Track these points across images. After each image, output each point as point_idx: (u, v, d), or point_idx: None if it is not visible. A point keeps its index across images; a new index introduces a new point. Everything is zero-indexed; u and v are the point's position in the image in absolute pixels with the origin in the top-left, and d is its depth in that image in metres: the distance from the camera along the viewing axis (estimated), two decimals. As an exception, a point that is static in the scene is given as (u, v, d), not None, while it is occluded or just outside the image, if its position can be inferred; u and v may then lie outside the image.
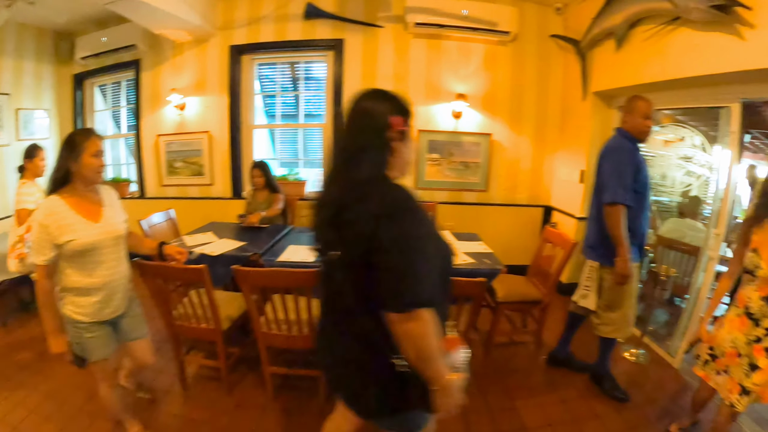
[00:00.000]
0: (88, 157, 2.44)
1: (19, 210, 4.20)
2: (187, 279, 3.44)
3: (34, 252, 2.37)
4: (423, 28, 5.43)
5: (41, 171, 4.39)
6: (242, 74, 6.27)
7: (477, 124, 5.75)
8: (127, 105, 7.41)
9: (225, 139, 6.48)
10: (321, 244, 1.77)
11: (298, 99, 6.73)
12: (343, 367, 1.83)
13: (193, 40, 6.31)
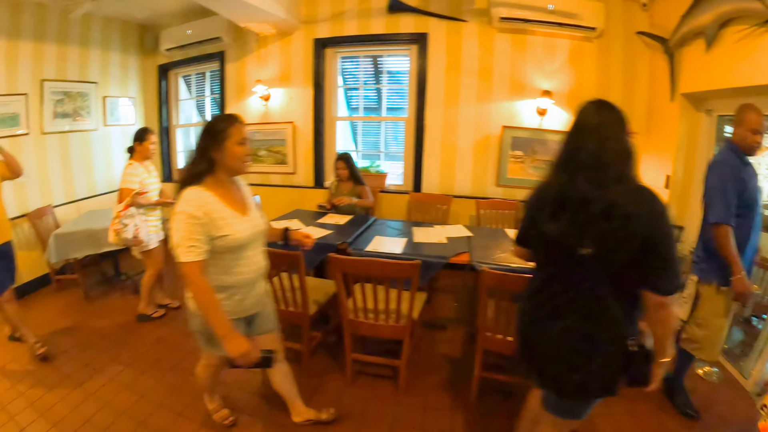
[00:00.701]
0: (233, 145, 2.33)
1: (122, 188, 4.50)
2: (283, 263, 3.44)
3: (185, 248, 2.20)
4: (508, 22, 5.37)
5: (150, 154, 4.69)
6: (326, 67, 6.45)
7: (561, 122, 5.59)
8: (211, 95, 7.78)
9: (309, 130, 6.70)
10: (571, 239, 1.84)
11: (380, 92, 6.80)
12: (567, 350, 1.94)
13: (277, 33, 6.54)
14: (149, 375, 4.07)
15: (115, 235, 4.57)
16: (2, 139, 5.43)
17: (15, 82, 6.05)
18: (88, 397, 3.70)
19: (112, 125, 7.61)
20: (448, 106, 5.87)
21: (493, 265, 3.35)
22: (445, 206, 5.61)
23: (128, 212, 4.50)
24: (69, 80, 6.84)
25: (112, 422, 3.40)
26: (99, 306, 5.55)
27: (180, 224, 2.20)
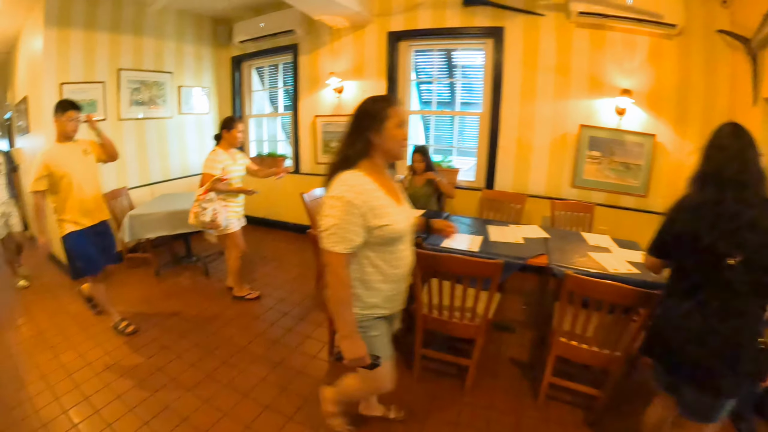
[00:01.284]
0: (392, 127, 2.19)
1: (203, 173, 4.80)
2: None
3: (337, 237, 2.10)
4: (586, 17, 5.22)
5: (237, 141, 4.98)
6: (399, 60, 6.53)
7: (641, 123, 5.37)
8: (283, 86, 8.10)
9: None
10: (722, 249, 2.03)
11: (454, 86, 6.77)
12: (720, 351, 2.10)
13: (350, 26, 6.69)
14: (215, 356, 4.33)
15: (195, 217, 4.82)
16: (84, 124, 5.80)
17: (93, 71, 6.54)
18: (169, 383, 3.92)
19: (187, 114, 8.09)
20: (524, 102, 5.76)
21: (574, 269, 3.34)
22: (519, 205, 5.51)
23: (208, 197, 4.74)
24: (145, 70, 7.27)
25: (195, 409, 3.59)
26: (169, 285, 5.99)
27: (334, 210, 2.09)
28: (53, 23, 5.97)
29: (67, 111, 4.23)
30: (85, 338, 4.76)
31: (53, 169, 4.14)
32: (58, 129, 4.30)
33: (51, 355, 4.48)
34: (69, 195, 4.26)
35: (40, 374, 4.19)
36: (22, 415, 3.64)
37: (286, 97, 8.31)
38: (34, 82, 6.64)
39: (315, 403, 3.47)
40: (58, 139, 4.33)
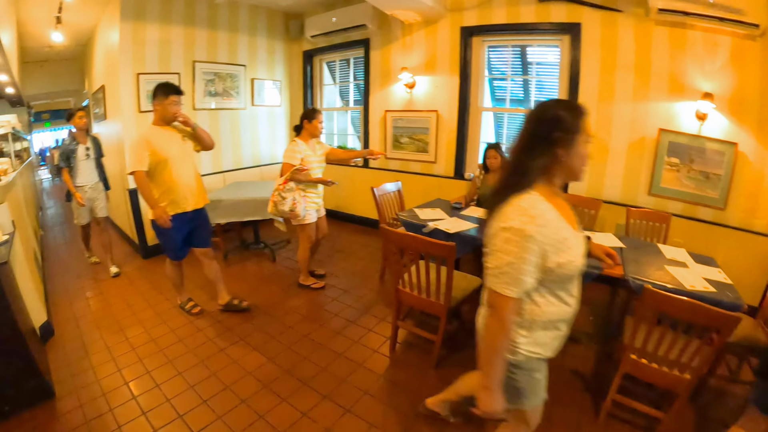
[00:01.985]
0: (582, 142, 1.84)
1: (284, 163, 5.09)
2: (435, 252, 3.51)
3: (509, 278, 1.78)
4: (666, 14, 4.95)
5: (318, 132, 5.24)
6: (472, 56, 6.52)
7: (722, 130, 5.02)
8: (354, 81, 8.32)
9: (453, 120, 6.82)
10: None
11: (527, 84, 6.62)
12: None
13: (423, 21, 6.77)
14: (278, 340, 4.54)
15: (274, 206, 5.14)
16: None
17: (168, 63, 6.99)
18: (230, 364, 4.15)
19: (259, 105, 8.48)
20: (602, 102, 5.55)
21: (652, 283, 3.20)
22: (593, 211, 5.29)
23: (287, 186, 5.01)
24: (219, 62, 7.68)
25: (254, 392, 3.75)
26: (236, 269, 6.38)
27: (510, 246, 1.76)
28: (129, 17, 6.38)
29: (169, 95, 4.28)
30: (152, 315, 5.16)
31: (153, 150, 4.24)
32: (158, 112, 4.36)
33: (117, 328, 4.88)
34: (166, 179, 4.37)
35: (104, 345, 4.56)
36: (84, 383, 3.95)
37: (356, 92, 8.52)
38: (111, 72, 7.13)
39: (373, 397, 3.63)
40: (157, 122, 4.40)
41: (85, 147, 6.03)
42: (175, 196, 4.45)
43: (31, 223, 7.38)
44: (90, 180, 6.11)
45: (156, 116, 4.40)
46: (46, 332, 4.76)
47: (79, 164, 5.99)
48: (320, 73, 8.77)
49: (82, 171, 6.03)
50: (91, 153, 6.10)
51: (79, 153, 5.96)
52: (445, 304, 3.66)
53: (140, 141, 4.26)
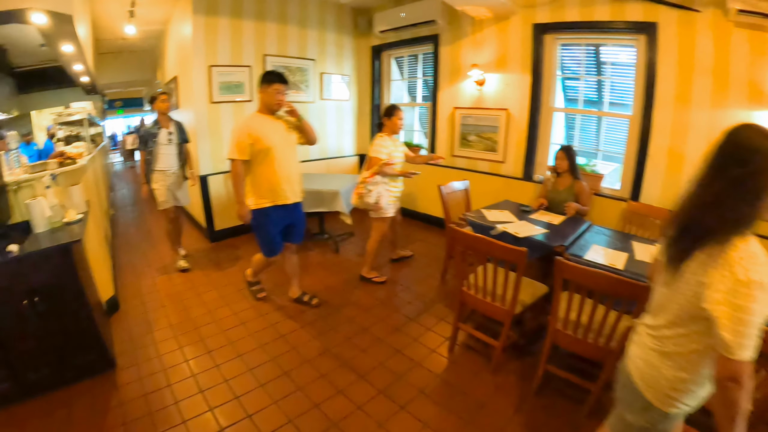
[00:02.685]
0: None
1: (372, 157, 5.36)
2: (506, 257, 3.47)
3: (752, 340, 1.55)
4: (745, 16, 4.64)
5: (398, 128, 5.50)
6: (544, 54, 6.42)
7: None
8: (422, 77, 8.46)
9: (523, 119, 6.76)
10: None
11: (601, 85, 6.41)
12: None
13: (493, 17, 6.77)
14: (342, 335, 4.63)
15: (359, 198, 5.48)
16: (232, 104, 7.24)
17: (240, 55, 7.32)
18: (289, 351, 4.33)
19: (327, 99, 8.76)
20: (678, 108, 5.29)
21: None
22: None
23: (374, 179, 5.34)
24: (289, 56, 8.00)
25: (311, 381, 3.88)
26: (300, 258, 6.21)
27: (755, 304, 1.53)
28: (201, 12, 6.76)
29: (273, 83, 4.30)
30: (216, 297, 5.52)
31: (255, 139, 4.27)
32: (262, 100, 4.40)
33: (181, 308, 5.26)
34: (268, 169, 4.40)
35: (168, 323, 4.91)
36: (146, 357, 4.25)
37: (424, 88, 8.67)
38: (184, 64, 7.55)
39: (428, 397, 3.66)
40: (261, 110, 4.45)
41: (167, 132, 5.98)
42: (276, 187, 4.48)
43: (102, 203, 7.76)
44: (172, 165, 6.07)
45: (260, 104, 4.45)
46: (112, 306, 5.22)
47: (161, 149, 5.95)
48: (388, 69, 8.96)
49: (164, 156, 5.99)
50: (174, 138, 6.04)
51: (160, 137, 5.92)
52: (510, 309, 3.65)
53: (242, 129, 4.30)
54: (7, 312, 3.35)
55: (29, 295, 3.39)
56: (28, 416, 3.45)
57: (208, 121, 7.15)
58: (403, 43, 8.23)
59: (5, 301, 3.32)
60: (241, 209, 4.45)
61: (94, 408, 3.53)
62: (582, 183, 5.24)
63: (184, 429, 3.30)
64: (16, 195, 4.26)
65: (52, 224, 3.96)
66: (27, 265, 3.38)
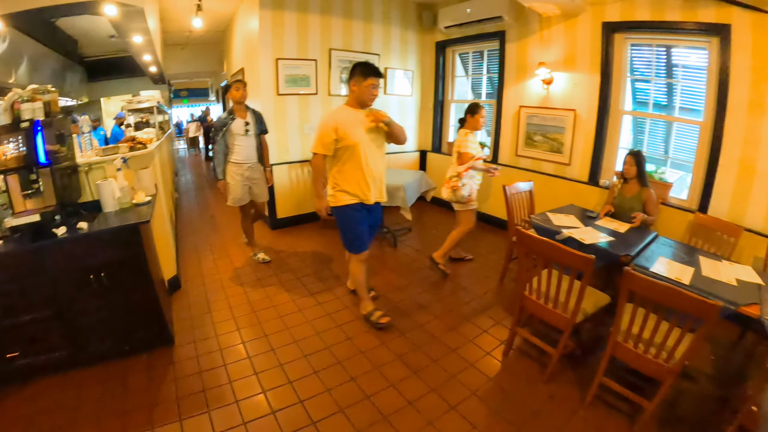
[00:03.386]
0: None
1: (464, 153, 5.57)
2: (573, 264, 3.39)
3: None
4: None
5: (480, 126, 5.71)
6: (614, 54, 6.31)
7: None
8: (487, 74, 8.52)
9: (591, 121, 6.66)
10: None
11: (671, 88, 6.13)
12: None
13: (562, 14, 6.74)
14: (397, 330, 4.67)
15: (452, 191, 5.69)
16: (298, 96, 7.55)
17: (306, 49, 7.61)
18: (345, 341, 4.44)
19: (391, 95, 8.93)
20: (751, 116, 5.02)
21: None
22: (733, 238, 4.85)
23: (468, 174, 5.56)
24: (354, 50, 8.20)
25: (364, 372, 3.95)
26: None
27: None
28: (267, 5, 7.07)
29: (368, 77, 4.14)
30: (276, 282, 5.76)
31: (341, 135, 4.16)
32: (354, 94, 4.25)
33: (240, 291, 5.54)
34: (354, 166, 4.28)
35: (227, 304, 5.18)
36: (203, 336, 4.50)
37: (489, 85, 8.71)
38: (251, 56, 7.92)
39: (480, 399, 3.64)
40: (351, 103, 4.31)
41: (243, 122, 5.75)
42: (363, 185, 4.36)
43: (168, 187, 8.08)
44: (249, 158, 5.87)
45: (351, 97, 4.30)
46: (174, 285, 5.61)
47: (236, 140, 5.74)
48: (452, 65, 9.05)
49: (240, 148, 5.78)
50: (251, 128, 5.82)
51: (235, 128, 5.70)
52: (571, 318, 3.57)
53: (328, 123, 4.19)
54: (73, 285, 3.64)
55: (96, 270, 3.67)
56: (84, 382, 3.74)
57: (274, 113, 7.45)
58: (467, 39, 8.29)
59: (72, 275, 3.62)
60: (319, 203, 4.43)
61: (150, 380, 3.79)
62: (650, 191, 5.11)
63: (236, 408, 3.46)
64: (87, 176, 4.54)
65: (121, 205, 4.30)
66: (95, 242, 3.67)
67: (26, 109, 3.54)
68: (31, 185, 3.60)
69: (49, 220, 3.57)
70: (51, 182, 3.64)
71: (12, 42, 7.20)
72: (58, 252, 3.54)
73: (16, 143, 3.43)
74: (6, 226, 3.48)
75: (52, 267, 3.53)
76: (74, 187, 4.22)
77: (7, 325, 3.47)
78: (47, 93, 3.83)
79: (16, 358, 3.58)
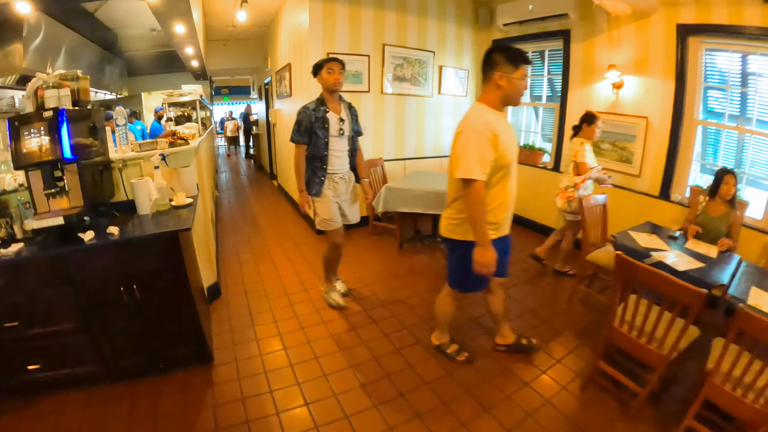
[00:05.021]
0: None
1: (581, 162, 5.59)
2: (678, 295, 3.04)
3: None
4: None
5: (594, 137, 5.70)
6: (688, 58, 5.99)
7: None
8: (547, 75, 8.31)
9: (664, 130, 6.30)
10: None
11: (745, 98, 5.80)
12: None
13: (633, 14, 6.46)
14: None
15: (567, 202, 5.72)
16: (349, 94, 7.18)
17: (358, 44, 7.56)
18: (407, 368, 4.10)
19: (445, 94, 8.85)
20: None
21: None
22: None
23: (585, 185, 5.63)
24: (408, 47, 8.12)
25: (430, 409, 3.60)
26: (412, 261, 6.63)
27: None
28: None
29: (518, 66, 3.22)
30: (322, 295, 5.41)
31: (501, 150, 3.24)
32: (500, 90, 3.28)
33: (286, 303, 5.28)
34: (499, 192, 3.41)
35: (272, 318, 4.94)
36: (246, 354, 4.24)
37: (549, 88, 8.51)
38: (299, 51, 7.97)
39: None
40: (493, 103, 3.36)
41: (338, 118, 4.58)
42: (506, 214, 3.55)
43: (210, 186, 8.06)
44: (342, 167, 4.77)
45: (492, 95, 3.34)
46: (214, 293, 5.41)
47: (331, 142, 4.58)
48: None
49: (332, 153, 4.63)
50: (346, 128, 4.66)
51: (331, 125, 4.55)
52: (667, 356, 3.25)
53: (484, 133, 3.16)
54: (101, 297, 3.39)
55: (128, 281, 3.40)
56: (112, 400, 3.54)
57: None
58: (528, 37, 8.12)
59: (100, 285, 3.36)
60: (487, 251, 3.26)
61: (185, 404, 3.55)
62: (737, 213, 4.89)
63: (284, 446, 3.27)
64: (122, 173, 4.31)
65: (158, 207, 4.06)
66: (127, 251, 3.40)
67: (51, 96, 3.34)
68: (56, 183, 3.37)
69: (75, 223, 3.31)
70: (78, 180, 3.38)
71: (48, 32, 7.30)
72: (85, 259, 3.30)
73: (39, 134, 3.16)
74: (27, 228, 3.28)
75: (78, 275, 3.29)
76: (107, 186, 4.05)
77: (27, 336, 3.28)
78: (77, 79, 3.61)
79: (37, 370, 3.41)
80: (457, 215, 3.50)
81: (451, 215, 3.58)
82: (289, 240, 7.51)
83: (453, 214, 3.56)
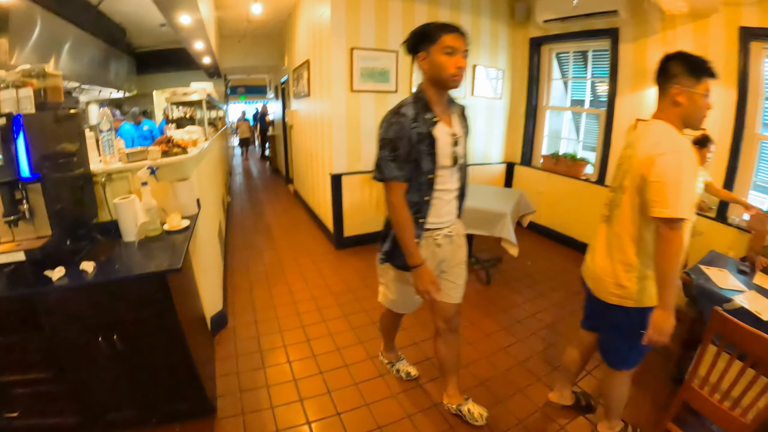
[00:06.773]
0: None
1: None
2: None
3: None
4: None
5: (705, 161, 4.92)
6: (751, 65, 5.48)
7: None
8: (591, 77, 7.92)
9: (724, 145, 5.71)
10: None
11: None
12: None
13: (690, 13, 6.04)
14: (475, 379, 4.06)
15: None
16: (374, 94, 7.08)
17: (385, 39, 7.13)
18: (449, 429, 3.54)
19: (478, 96, 8.47)
20: None
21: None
22: None
23: None
24: None
25: None
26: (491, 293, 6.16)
27: None
28: None
29: (701, 78, 2.58)
30: (345, 326, 4.96)
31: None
32: (682, 109, 2.63)
33: (303, 337, 4.75)
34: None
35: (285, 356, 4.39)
36: (255, 406, 3.69)
37: (591, 92, 8.10)
38: (320, 46, 7.58)
39: None
40: (673, 123, 2.65)
41: (450, 132, 2.93)
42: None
43: (220, 193, 7.83)
44: (449, 216, 3.11)
45: (669, 113, 2.67)
46: (219, 322, 4.94)
47: (439, 176, 2.91)
48: (549, 65, 8.55)
49: (440, 195, 2.97)
50: (460, 151, 3.00)
51: (440, 148, 2.85)
52: (751, 425, 2.74)
53: (692, 164, 2.49)
54: (76, 345, 2.94)
55: (106, 329, 2.92)
56: None
57: (347, 112, 7.10)
58: (569, 36, 7.74)
59: (75, 333, 2.90)
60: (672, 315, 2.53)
61: None
62: None
63: None
64: (105, 189, 3.74)
65: (147, 232, 3.51)
66: (103, 294, 2.89)
67: (6, 99, 2.75)
68: (17, 208, 2.79)
69: (40, 259, 2.76)
70: (44, 203, 2.82)
71: (49, 28, 7.06)
72: (54, 302, 2.80)
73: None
74: (-15, 263, 2.81)
75: (48, 320, 2.80)
76: (88, 204, 3.54)
77: (2, 382, 2.87)
78: (44, 76, 3.01)
79: (16, 417, 2.98)
80: (641, 270, 2.72)
81: (626, 270, 2.77)
82: (306, 256, 7.19)
83: (630, 269, 2.76)
